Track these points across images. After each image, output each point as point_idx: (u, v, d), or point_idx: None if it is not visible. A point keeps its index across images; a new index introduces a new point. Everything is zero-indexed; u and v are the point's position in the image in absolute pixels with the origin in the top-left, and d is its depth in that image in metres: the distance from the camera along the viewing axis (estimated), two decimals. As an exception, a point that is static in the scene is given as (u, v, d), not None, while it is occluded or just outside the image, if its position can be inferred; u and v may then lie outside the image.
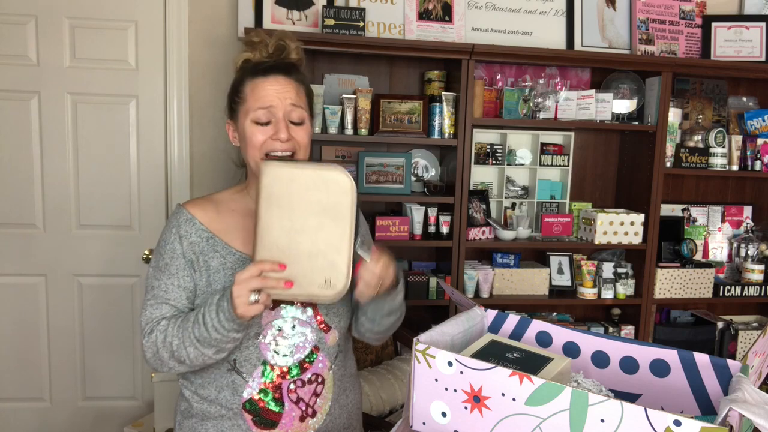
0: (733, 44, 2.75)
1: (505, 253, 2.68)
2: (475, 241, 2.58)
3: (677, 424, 0.69)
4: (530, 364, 0.90)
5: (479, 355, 0.92)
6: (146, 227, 2.61)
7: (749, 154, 2.75)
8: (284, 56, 1.27)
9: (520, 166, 2.74)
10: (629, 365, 0.98)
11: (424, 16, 2.57)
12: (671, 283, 2.68)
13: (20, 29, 2.45)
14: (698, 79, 2.85)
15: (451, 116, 2.49)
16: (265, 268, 1.06)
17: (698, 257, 2.82)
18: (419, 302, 2.54)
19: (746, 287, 2.76)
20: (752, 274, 2.78)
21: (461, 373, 0.85)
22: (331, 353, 1.28)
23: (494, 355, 0.92)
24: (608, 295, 2.65)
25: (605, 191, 2.88)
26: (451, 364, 0.86)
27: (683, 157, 2.68)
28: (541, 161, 2.72)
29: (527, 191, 2.78)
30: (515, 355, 0.93)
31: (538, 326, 1.07)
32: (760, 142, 2.74)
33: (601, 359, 1.00)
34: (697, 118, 2.86)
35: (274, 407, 1.21)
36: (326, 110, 2.39)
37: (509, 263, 2.66)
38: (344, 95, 2.43)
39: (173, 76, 2.52)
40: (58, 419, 2.67)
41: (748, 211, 2.98)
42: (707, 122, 2.86)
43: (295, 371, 1.23)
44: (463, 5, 2.61)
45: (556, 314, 2.84)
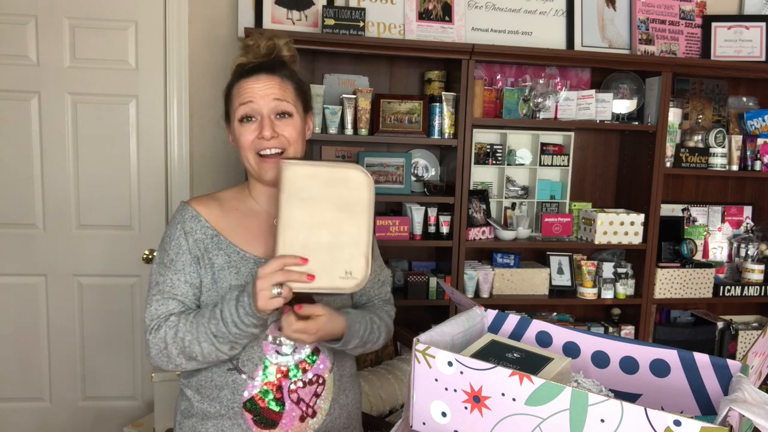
0: (733, 44, 2.75)
1: (505, 253, 2.68)
2: (475, 241, 2.58)
3: (677, 424, 0.69)
4: (530, 364, 0.90)
5: (479, 355, 0.92)
6: (146, 227, 2.61)
7: (749, 154, 2.75)
8: (276, 55, 1.27)
9: (520, 166, 2.74)
10: (629, 365, 0.97)
11: (424, 16, 2.57)
12: (671, 283, 2.68)
13: (20, 29, 2.45)
14: (698, 79, 2.85)
15: (451, 116, 2.49)
16: (287, 262, 1.07)
17: (698, 257, 2.82)
18: (419, 302, 2.54)
19: (746, 287, 2.76)
20: (752, 274, 2.78)
21: (461, 373, 0.85)
22: (331, 354, 1.28)
23: (494, 355, 0.92)
24: (608, 295, 2.66)
25: (605, 191, 2.88)
26: (451, 364, 0.86)
27: (683, 157, 2.68)
28: (541, 161, 2.72)
29: (527, 191, 2.78)
30: (515, 355, 0.93)
31: (538, 326, 1.06)
32: (760, 142, 2.74)
33: (601, 359, 1.00)
34: (697, 118, 2.86)
35: (274, 407, 1.21)
36: (326, 110, 2.39)
37: (509, 263, 2.66)
38: (344, 95, 2.43)
39: (173, 76, 2.52)
40: (58, 419, 2.67)
41: (748, 211, 2.98)
42: (707, 122, 2.86)
43: (296, 371, 1.23)
44: (463, 5, 2.61)
45: (556, 314, 2.84)
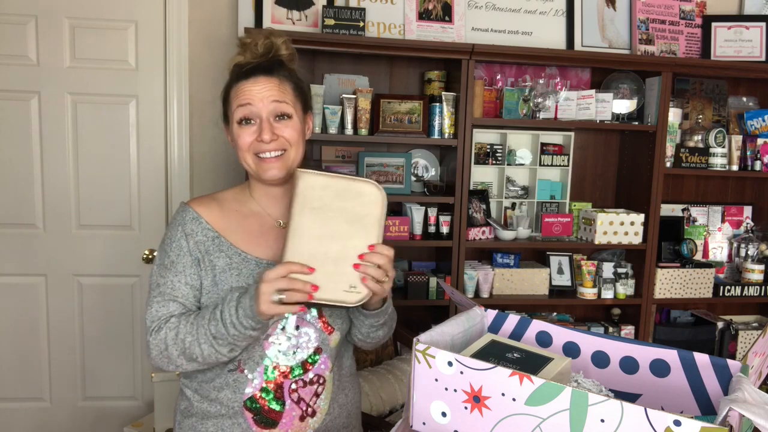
0: (733, 44, 2.75)
1: (505, 253, 2.68)
2: (475, 241, 2.58)
3: (677, 424, 0.69)
4: (530, 364, 0.90)
5: (479, 355, 0.92)
6: (146, 227, 2.61)
7: (749, 154, 2.75)
8: (273, 54, 1.26)
9: (520, 166, 2.74)
10: (629, 365, 0.97)
11: (424, 16, 2.57)
12: (671, 283, 2.68)
13: (20, 29, 2.45)
14: (698, 79, 2.85)
15: (451, 116, 2.49)
16: (293, 269, 1.07)
17: (698, 257, 2.82)
18: (419, 302, 2.54)
19: (746, 287, 2.76)
20: (752, 274, 2.78)
21: (461, 373, 0.85)
22: (332, 354, 1.28)
23: (494, 355, 0.92)
24: (608, 295, 2.65)
25: (605, 191, 2.88)
26: (451, 364, 0.86)
27: (683, 157, 2.68)
28: (541, 161, 2.72)
29: (527, 191, 2.78)
30: (515, 355, 0.93)
31: (538, 326, 1.06)
32: (760, 142, 2.74)
33: (601, 359, 1.00)
34: (697, 118, 2.86)
35: (275, 406, 1.21)
36: (326, 110, 2.39)
37: (509, 263, 2.66)
38: (344, 95, 2.43)
39: (173, 76, 2.52)
40: (58, 419, 2.67)
41: (748, 211, 2.98)
42: (707, 122, 2.86)
43: (297, 371, 1.23)
44: (463, 5, 2.61)
45: (556, 314, 2.84)
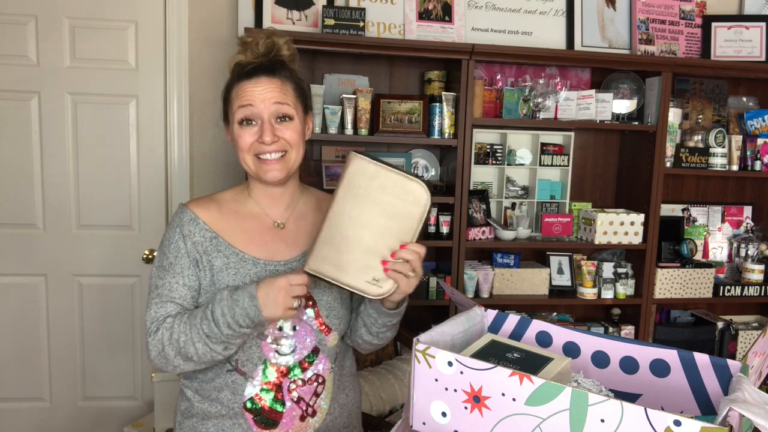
0: (733, 44, 2.75)
1: (505, 253, 2.68)
2: (475, 241, 2.58)
3: (677, 424, 0.69)
4: (530, 364, 0.90)
5: (479, 355, 0.92)
6: (146, 227, 2.61)
7: (749, 154, 2.75)
8: (275, 54, 1.26)
9: (520, 166, 2.74)
10: (629, 365, 0.97)
11: (424, 16, 2.57)
12: (671, 283, 2.68)
13: (20, 29, 2.45)
14: (698, 79, 2.85)
15: (451, 116, 2.49)
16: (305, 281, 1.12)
17: (698, 257, 2.82)
18: (419, 302, 2.54)
19: (746, 287, 2.76)
20: (752, 274, 2.78)
21: (461, 373, 0.85)
22: (331, 354, 1.28)
23: (494, 355, 0.92)
24: (608, 295, 2.65)
25: (605, 191, 2.88)
26: (451, 364, 0.86)
27: (683, 157, 2.68)
28: (541, 161, 2.72)
29: (527, 191, 2.78)
30: (515, 355, 0.93)
31: (538, 326, 1.06)
32: (760, 142, 2.74)
33: (601, 359, 1.00)
34: (697, 118, 2.86)
35: (275, 406, 1.22)
36: (326, 110, 2.39)
37: (509, 263, 2.66)
38: (344, 95, 2.43)
39: (173, 76, 2.52)
40: (58, 419, 2.67)
41: (748, 211, 2.98)
42: (707, 122, 2.86)
43: (296, 371, 1.23)
44: (463, 5, 2.61)
45: (556, 314, 2.84)
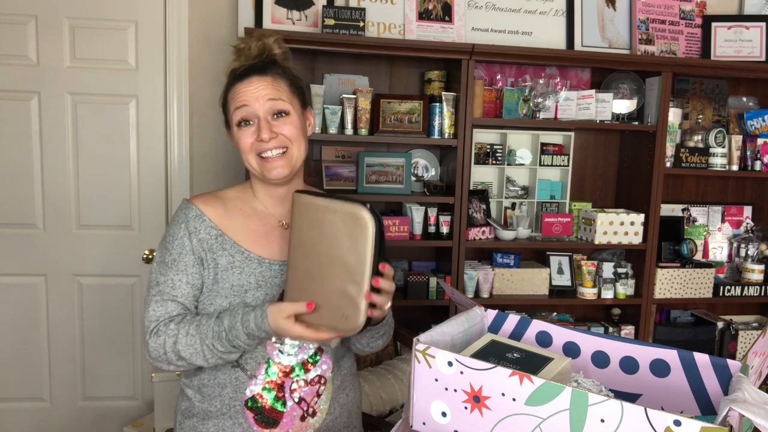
0: (733, 44, 2.75)
1: (505, 253, 2.68)
2: (475, 241, 2.58)
3: (677, 424, 0.69)
4: (530, 364, 0.90)
5: (479, 355, 0.92)
6: (146, 227, 2.61)
7: (749, 154, 2.75)
8: (267, 55, 1.27)
9: (520, 166, 2.74)
10: (629, 365, 0.97)
11: (424, 16, 2.57)
12: (671, 283, 2.68)
13: (20, 29, 2.45)
14: (698, 79, 2.85)
15: (451, 116, 2.49)
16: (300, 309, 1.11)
17: (698, 257, 2.82)
18: (419, 302, 2.54)
19: (746, 287, 2.76)
20: (752, 274, 2.78)
21: (461, 373, 0.85)
22: (333, 355, 1.29)
23: (494, 355, 0.92)
24: (608, 295, 2.65)
25: (605, 191, 2.88)
26: (451, 364, 0.86)
27: (683, 157, 2.68)
28: (541, 161, 2.72)
29: (527, 191, 2.78)
30: (515, 355, 0.93)
31: (538, 326, 1.06)
32: (760, 142, 2.74)
33: (601, 359, 1.00)
34: (697, 118, 2.86)
35: (276, 406, 1.22)
36: (326, 110, 2.39)
37: (509, 263, 2.66)
38: (344, 95, 2.43)
39: (173, 76, 2.52)
40: (58, 419, 2.67)
41: (748, 211, 2.98)
42: (707, 122, 2.86)
43: (298, 371, 1.23)
44: (463, 5, 2.60)
45: (556, 314, 2.84)
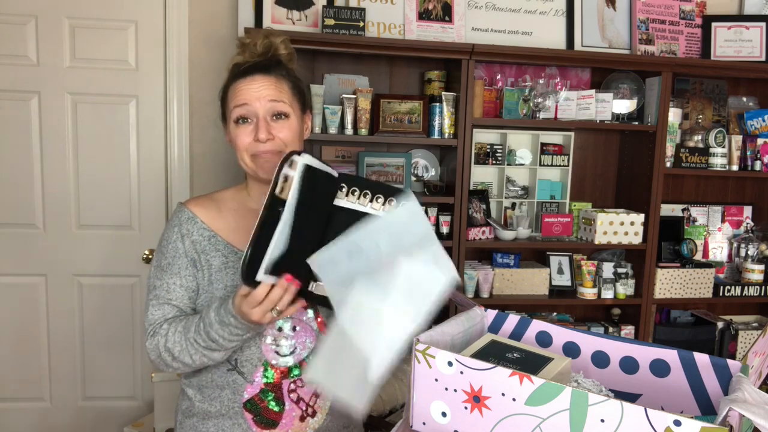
0: (733, 44, 2.75)
1: (505, 253, 2.68)
2: (475, 241, 2.58)
3: (677, 424, 0.69)
4: (530, 364, 0.90)
5: (479, 355, 0.92)
6: (146, 227, 2.61)
7: (749, 154, 2.75)
8: (272, 54, 1.26)
9: (520, 166, 2.74)
10: (629, 365, 0.97)
11: (424, 16, 2.57)
12: (671, 283, 2.68)
13: (20, 29, 2.45)
14: (698, 79, 2.85)
15: (451, 116, 2.49)
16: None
17: (698, 257, 2.82)
18: (419, 302, 2.54)
19: (746, 287, 2.75)
20: (752, 274, 2.78)
21: (461, 373, 0.85)
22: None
23: (494, 355, 0.92)
24: (608, 295, 2.65)
25: (605, 191, 2.88)
26: (451, 364, 0.86)
27: (683, 157, 2.68)
28: (541, 161, 2.71)
29: (527, 191, 2.78)
30: (515, 355, 0.93)
31: (538, 326, 1.06)
32: (760, 142, 2.73)
33: (601, 359, 1.00)
34: (697, 118, 2.86)
35: (274, 407, 1.22)
36: (326, 110, 2.39)
37: (509, 263, 2.66)
38: (344, 95, 2.43)
39: (173, 76, 2.52)
40: (58, 419, 2.67)
41: (748, 211, 2.97)
42: (707, 122, 2.86)
43: (295, 371, 1.23)
44: (463, 5, 2.60)
45: (556, 314, 2.84)
